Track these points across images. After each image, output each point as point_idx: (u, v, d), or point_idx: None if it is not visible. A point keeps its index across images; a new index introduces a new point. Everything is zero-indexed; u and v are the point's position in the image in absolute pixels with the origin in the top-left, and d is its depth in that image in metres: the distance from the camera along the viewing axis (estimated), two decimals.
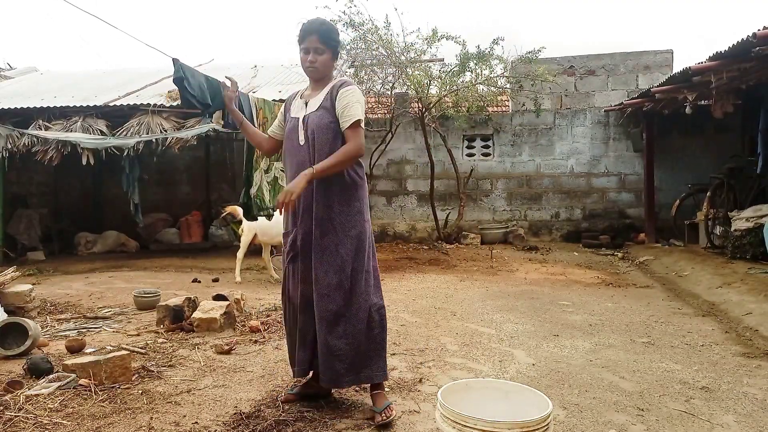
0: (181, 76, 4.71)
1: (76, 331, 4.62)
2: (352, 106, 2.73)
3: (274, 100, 6.87)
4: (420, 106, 9.72)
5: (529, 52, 9.41)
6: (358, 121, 2.73)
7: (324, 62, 2.80)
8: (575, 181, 10.81)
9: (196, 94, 4.83)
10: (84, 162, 7.89)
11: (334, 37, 2.83)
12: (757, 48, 5.22)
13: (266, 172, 6.37)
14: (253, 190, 6.10)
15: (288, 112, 2.96)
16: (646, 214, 9.93)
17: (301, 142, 2.79)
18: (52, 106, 8.62)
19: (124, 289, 6.46)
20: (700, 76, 6.29)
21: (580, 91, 10.75)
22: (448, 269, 7.70)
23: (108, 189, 11.62)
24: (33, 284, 5.61)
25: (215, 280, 7.06)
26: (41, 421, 2.74)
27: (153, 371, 3.49)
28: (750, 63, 5.68)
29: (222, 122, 5.43)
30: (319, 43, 2.76)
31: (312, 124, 2.75)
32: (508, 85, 10.29)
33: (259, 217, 6.32)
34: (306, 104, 2.85)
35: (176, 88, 4.87)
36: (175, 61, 4.70)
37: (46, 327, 4.71)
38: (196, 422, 2.77)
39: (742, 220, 7.17)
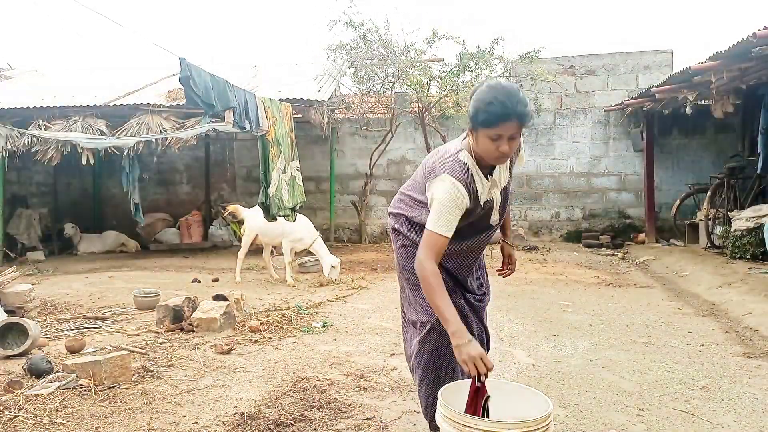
0: (188, 75, 4.72)
1: (76, 331, 4.62)
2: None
3: (277, 100, 6.89)
4: (420, 106, 9.71)
5: (529, 52, 9.39)
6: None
7: (515, 147, 2.19)
8: (575, 181, 10.81)
9: (201, 94, 4.84)
10: (84, 162, 7.89)
11: (531, 115, 2.36)
12: (757, 48, 5.22)
13: (283, 171, 6.36)
14: (271, 190, 6.09)
15: (474, 195, 2.29)
16: (646, 214, 9.92)
17: (494, 223, 2.47)
18: (52, 106, 8.60)
19: (124, 289, 6.46)
20: (700, 76, 6.29)
21: (580, 91, 10.74)
22: None
23: (108, 189, 11.62)
24: (33, 284, 5.61)
25: (215, 280, 7.05)
26: (41, 421, 2.74)
27: (153, 371, 3.49)
28: (750, 63, 5.68)
29: (232, 121, 5.42)
30: (518, 129, 2.11)
31: (508, 196, 2.47)
32: None
33: (278, 217, 6.31)
34: (493, 183, 2.33)
35: (178, 87, 4.90)
36: (181, 60, 4.71)
37: (46, 327, 4.71)
38: (196, 422, 2.77)
39: (742, 220, 7.17)
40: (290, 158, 6.60)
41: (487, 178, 2.29)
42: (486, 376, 2.07)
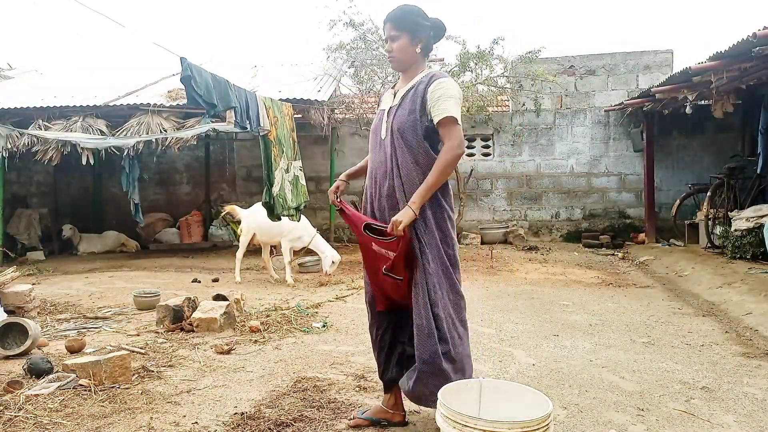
0: (189, 74, 4.72)
1: (76, 331, 4.62)
2: (445, 100, 2.44)
3: (277, 100, 6.89)
4: None
5: (529, 52, 9.40)
6: (452, 118, 2.42)
7: (401, 48, 2.55)
8: (575, 181, 10.81)
9: (203, 94, 4.84)
10: (84, 162, 7.89)
11: (409, 18, 2.55)
12: (757, 48, 5.22)
13: (286, 171, 6.36)
14: (275, 190, 6.09)
15: (378, 105, 2.78)
16: (646, 214, 9.92)
17: (383, 136, 2.57)
18: (52, 106, 8.61)
19: (124, 289, 6.46)
20: (701, 76, 6.29)
21: (580, 90, 10.74)
22: None
23: (108, 189, 11.62)
24: (33, 284, 5.61)
25: (215, 280, 7.05)
26: (41, 421, 2.74)
27: (153, 371, 3.49)
28: (750, 63, 5.68)
29: (233, 121, 5.42)
30: (393, 30, 2.55)
31: (397, 119, 2.52)
32: (508, 85, 10.29)
33: (283, 217, 6.31)
34: (394, 95, 2.63)
35: (178, 87, 4.90)
36: (182, 60, 4.72)
37: (46, 327, 4.71)
38: (196, 422, 2.77)
39: (742, 220, 7.17)
40: (293, 158, 6.59)
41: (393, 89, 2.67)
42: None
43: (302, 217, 6.93)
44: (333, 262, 6.69)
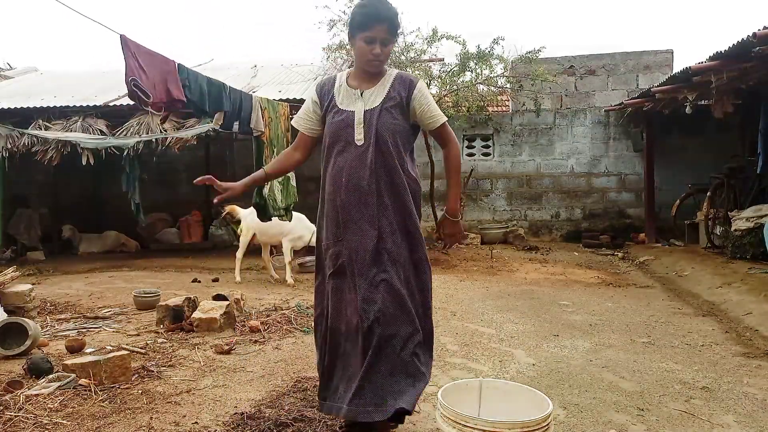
0: (185, 77, 4.73)
1: (75, 331, 4.62)
2: (432, 103, 2.47)
3: (274, 100, 6.87)
4: None
5: (529, 52, 9.39)
6: (445, 121, 2.49)
7: (389, 55, 2.45)
8: (575, 181, 10.81)
9: (195, 99, 4.85)
10: (84, 162, 7.88)
11: (399, 24, 2.49)
12: (757, 48, 5.21)
13: None
14: (265, 190, 6.09)
15: (328, 101, 2.50)
16: (646, 214, 9.92)
17: (359, 142, 2.39)
18: (52, 106, 8.60)
19: (124, 289, 6.46)
20: (701, 76, 6.28)
21: (580, 90, 10.74)
22: (448, 269, 7.69)
23: (108, 189, 11.60)
24: (33, 284, 5.60)
25: (215, 280, 7.05)
26: (41, 421, 2.74)
27: (153, 371, 3.49)
28: (750, 63, 5.68)
29: (221, 123, 5.42)
30: (388, 34, 2.37)
31: (381, 126, 2.38)
32: (508, 85, 10.28)
33: (273, 218, 6.31)
34: (361, 95, 2.45)
35: None
36: (180, 66, 4.72)
37: (46, 327, 4.71)
38: (196, 422, 2.77)
39: (742, 220, 7.17)
40: None
41: (356, 91, 2.46)
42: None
43: (300, 215, 6.92)
44: None
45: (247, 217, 6.95)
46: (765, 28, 5.01)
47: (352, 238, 2.37)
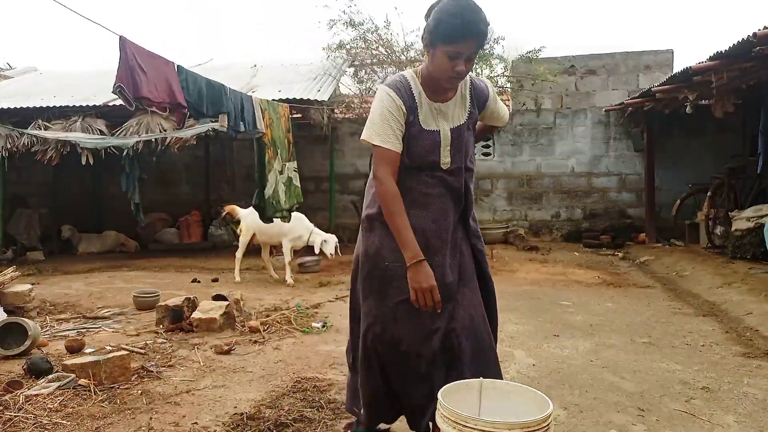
0: (184, 78, 4.73)
1: (75, 331, 4.61)
2: (501, 102, 2.37)
3: (274, 100, 6.87)
4: None
5: (530, 52, 9.40)
6: None
7: (471, 69, 2.13)
8: (576, 181, 10.80)
9: (193, 100, 4.85)
10: (84, 162, 7.87)
11: (488, 36, 2.32)
12: (758, 48, 5.21)
13: (280, 173, 6.34)
14: (268, 191, 6.08)
15: (413, 115, 2.15)
16: (646, 214, 9.91)
17: (444, 165, 2.17)
18: (51, 105, 8.60)
19: (123, 289, 6.45)
20: (701, 76, 6.28)
21: (580, 90, 10.74)
22: None
23: (108, 189, 11.61)
24: (32, 284, 5.60)
25: (215, 280, 7.05)
26: (41, 421, 2.74)
27: (152, 371, 3.49)
28: (750, 63, 5.67)
29: (226, 125, 5.42)
30: (476, 49, 2.06)
31: (466, 143, 2.20)
32: (508, 85, 10.28)
33: (275, 219, 6.32)
34: (443, 111, 2.19)
35: None
36: (178, 67, 4.72)
37: (46, 327, 4.71)
38: (196, 422, 2.77)
39: (742, 220, 7.17)
40: (287, 159, 6.58)
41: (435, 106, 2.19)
42: (432, 308, 2.12)
43: (299, 214, 6.92)
44: (325, 240, 6.86)
45: (247, 217, 6.95)
46: (765, 28, 5.00)
47: (438, 262, 2.20)
